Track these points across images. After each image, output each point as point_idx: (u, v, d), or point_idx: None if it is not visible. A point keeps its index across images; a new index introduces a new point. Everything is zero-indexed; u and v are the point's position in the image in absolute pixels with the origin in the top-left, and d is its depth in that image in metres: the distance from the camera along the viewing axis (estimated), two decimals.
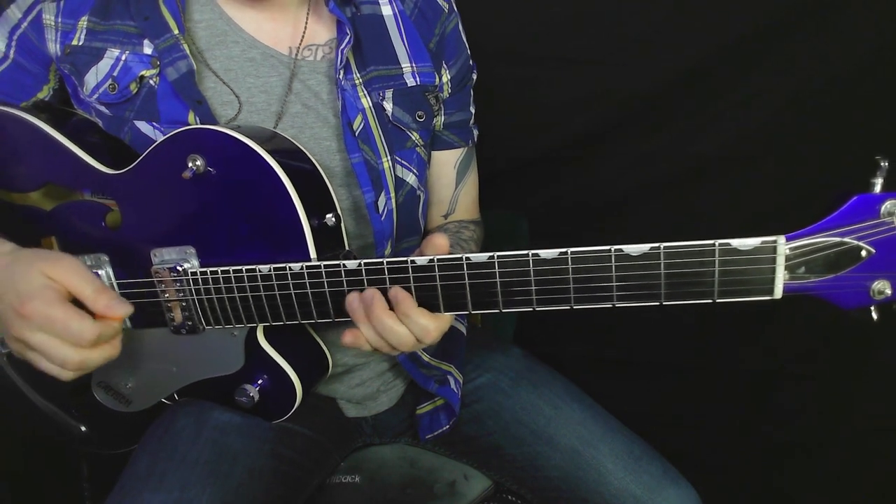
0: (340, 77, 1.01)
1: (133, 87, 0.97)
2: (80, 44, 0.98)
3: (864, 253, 0.73)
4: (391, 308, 0.83)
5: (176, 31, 0.96)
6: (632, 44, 1.49)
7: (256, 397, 0.98)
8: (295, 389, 0.98)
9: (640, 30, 1.48)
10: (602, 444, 1.08)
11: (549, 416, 1.12)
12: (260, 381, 0.98)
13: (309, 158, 0.95)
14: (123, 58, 0.97)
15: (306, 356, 1.02)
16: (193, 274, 0.90)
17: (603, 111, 1.56)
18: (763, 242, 0.74)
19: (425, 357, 1.13)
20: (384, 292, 0.83)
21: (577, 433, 1.09)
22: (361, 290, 0.84)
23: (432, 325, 0.83)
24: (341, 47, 1.00)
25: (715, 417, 1.76)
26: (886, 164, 0.71)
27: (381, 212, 1.03)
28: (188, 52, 0.96)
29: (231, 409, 1.03)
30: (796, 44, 1.44)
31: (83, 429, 1.08)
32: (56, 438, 1.16)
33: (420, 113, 1.09)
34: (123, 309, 0.82)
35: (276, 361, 0.97)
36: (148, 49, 0.97)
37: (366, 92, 1.03)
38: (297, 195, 0.87)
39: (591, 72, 1.52)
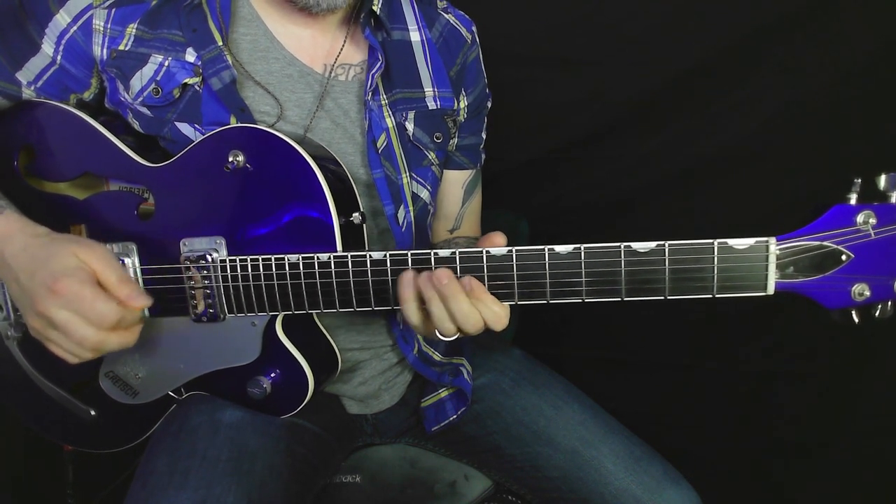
0: (369, 99, 1.06)
1: (176, 92, 1.01)
2: (127, 49, 1.01)
3: (844, 257, 0.81)
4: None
5: (220, 43, 1.01)
6: (631, 45, 1.50)
7: (269, 389, 1.00)
8: (307, 384, 1.01)
9: (640, 31, 1.48)
10: (602, 445, 1.08)
11: (550, 416, 1.12)
12: (273, 374, 1.01)
13: (337, 161, 1.02)
14: (166, 64, 1.01)
15: (318, 353, 1.05)
16: (223, 262, 0.94)
17: (602, 112, 1.56)
18: (757, 242, 0.81)
19: (436, 356, 1.15)
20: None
21: (577, 434, 1.10)
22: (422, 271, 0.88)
23: (503, 312, 0.87)
24: (372, 72, 1.06)
25: (715, 417, 1.76)
26: (859, 180, 0.80)
27: (401, 224, 1.08)
28: (231, 62, 1.01)
29: (240, 406, 1.04)
30: (796, 45, 1.45)
31: (92, 413, 1.09)
32: (48, 436, 1.17)
33: (438, 134, 1.14)
34: (143, 300, 0.87)
35: (291, 354, 1.00)
36: (190, 57, 1.01)
37: (390, 112, 1.09)
38: (329, 192, 0.93)
39: (590, 73, 1.53)
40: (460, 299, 0.85)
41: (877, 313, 0.83)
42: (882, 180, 0.79)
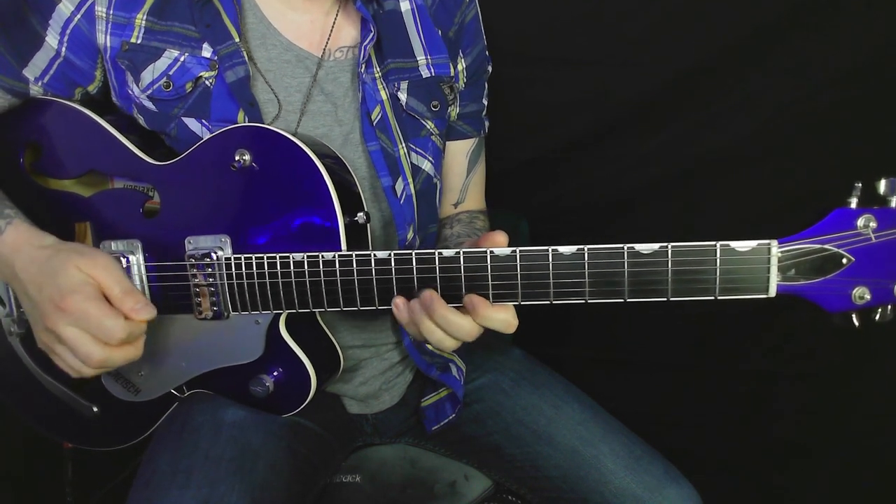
0: (362, 71, 1.06)
1: (188, 87, 1.01)
2: (139, 42, 1.01)
3: (844, 260, 0.81)
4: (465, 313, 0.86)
5: (237, 39, 1.01)
6: (631, 44, 1.49)
7: (271, 388, 1.01)
8: (310, 382, 1.01)
9: (640, 30, 1.48)
10: (602, 444, 1.09)
11: (550, 416, 1.12)
12: (276, 373, 1.02)
13: (342, 160, 1.01)
14: (182, 59, 1.01)
15: (321, 352, 1.05)
16: (227, 260, 0.95)
17: (602, 112, 1.56)
18: (759, 244, 0.81)
19: (429, 345, 1.15)
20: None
21: (577, 433, 1.10)
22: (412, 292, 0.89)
23: (508, 315, 0.86)
24: (364, 44, 1.05)
25: (715, 417, 1.76)
26: (860, 184, 0.80)
27: (399, 196, 1.07)
28: (246, 57, 1.01)
29: (242, 404, 1.04)
30: (796, 45, 1.44)
31: (94, 409, 1.10)
32: (49, 434, 1.17)
33: (435, 103, 1.13)
34: (148, 312, 0.87)
35: (294, 352, 1.00)
36: (206, 52, 1.01)
37: (384, 84, 1.08)
38: (336, 193, 0.93)
39: (590, 72, 1.53)
40: (451, 319, 0.86)
41: (877, 317, 0.83)
42: (882, 185, 0.79)
